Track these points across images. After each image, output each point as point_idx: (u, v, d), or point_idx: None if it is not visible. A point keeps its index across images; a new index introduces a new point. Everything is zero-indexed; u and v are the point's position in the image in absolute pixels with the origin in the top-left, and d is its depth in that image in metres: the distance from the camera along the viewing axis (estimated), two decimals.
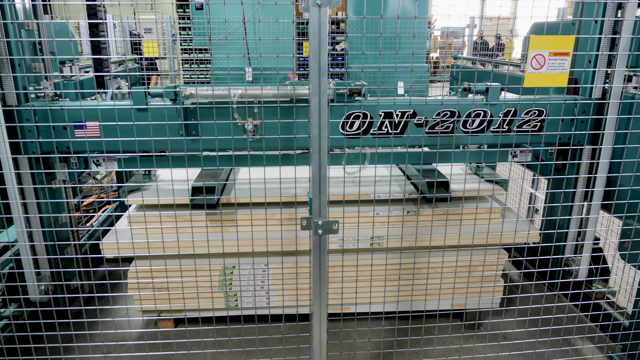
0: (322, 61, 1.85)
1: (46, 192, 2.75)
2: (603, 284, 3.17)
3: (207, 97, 2.54)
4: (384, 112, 2.68)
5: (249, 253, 2.71)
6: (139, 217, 2.83)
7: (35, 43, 2.73)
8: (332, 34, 8.44)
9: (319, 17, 1.81)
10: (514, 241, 2.89)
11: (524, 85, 2.10)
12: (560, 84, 2.09)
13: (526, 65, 2.05)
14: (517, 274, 3.94)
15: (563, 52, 2.05)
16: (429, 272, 2.88)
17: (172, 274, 2.80)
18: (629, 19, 2.40)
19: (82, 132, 2.58)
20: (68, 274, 2.96)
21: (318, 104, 1.89)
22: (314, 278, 2.11)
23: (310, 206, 2.01)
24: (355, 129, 2.70)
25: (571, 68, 2.13)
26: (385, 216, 2.95)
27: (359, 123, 2.69)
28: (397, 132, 2.73)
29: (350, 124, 2.69)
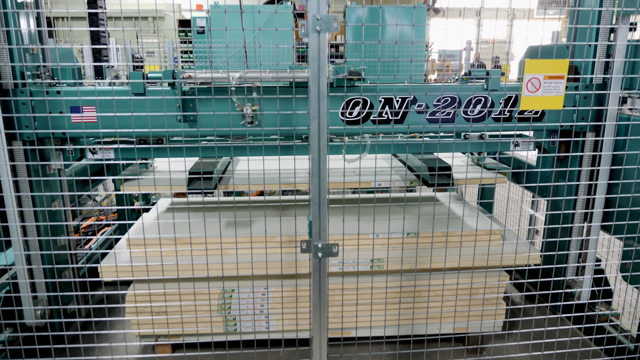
0: (322, 85, 1.87)
1: (46, 215, 2.74)
2: (606, 306, 3.14)
3: (205, 80, 2.52)
4: (384, 99, 2.67)
5: (248, 276, 2.69)
6: (138, 240, 2.82)
7: (40, 67, 2.77)
8: (331, 58, 8.55)
9: (318, 43, 1.85)
10: (515, 263, 2.88)
11: (520, 108, 2.12)
12: (556, 107, 2.11)
13: (522, 88, 2.08)
14: (519, 297, 3.91)
15: (558, 76, 2.08)
16: (430, 295, 2.85)
17: (170, 298, 2.78)
18: (621, 43, 2.44)
19: (78, 116, 2.56)
20: (65, 297, 2.93)
21: (317, 126, 1.91)
22: (313, 302, 2.10)
23: (310, 229, 2.01)
24: (355, 115, 2.69)
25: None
26: (385, 238, 2.94)
27: (359, 109, 2.68)
28: (397, 119, 2.71)
29: (350, 111, 2.69)
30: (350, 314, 2.79)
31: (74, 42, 10.31)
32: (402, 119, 2.70)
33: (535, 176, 3.28)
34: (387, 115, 2.69)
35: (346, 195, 3.86)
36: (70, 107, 2.57)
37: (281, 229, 2.54)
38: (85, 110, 2.57)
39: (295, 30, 5.31)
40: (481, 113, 2.69)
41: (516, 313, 3.46)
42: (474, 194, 5.66)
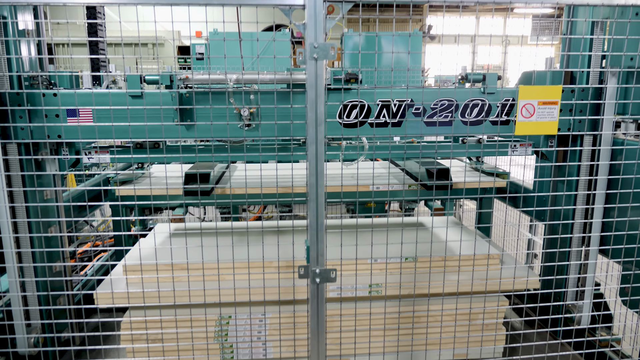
0: (319, 112, 1.90)
1: (42, 240, 2.73)
2: (607, 331, 3.11)
3: (203, 81, 2.50)
4: (382, 102, 2.67)
5: (245, 302, 2.67)
6: (135, 266, 2.80)
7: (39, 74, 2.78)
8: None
9: (315, 70, 1.88)
10: (514, 287, 2.86)
11: (516, 133, 2.15)
12: (551, 132, 2.13)
13: (516, 114, 2.11)
14: (519, 322, 3.87)
15: (551, 102, 2.12)
16: (429, 320, 2.82)
17: (166, 325, 2.74)
18: (613, 70, 2.49)
19: (75, 119, 2.53)
20: (59, 325, 2.89)
21: (315, 152, 1.93)
22: (311, 328, 2.08)
23: (308, 254, 2.00)
24: (352, 118, 2.68)
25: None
26: (383, 263, 2.93)
27: (357, 112, 2.67)
28: (395, 123, 2.70)
29: (347, 112, 2.67)
30: (349, 340, 2.75)
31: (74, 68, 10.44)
32: (400, 122, 2.70)
33: (532, 200, 3.30)
34: (385, 119, 2.68)
35: (344, 220, 3.86)
36: (66, 111, 2.55)
37: (279, 254, 2.53)
38: (82, 113, 2.54)
39: (293, 57, 5.39)
40: (479, 116, 2.68)
41: (516, 338, 3.42)
42: (471, 218, 5.66)
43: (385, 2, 1.97)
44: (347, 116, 2.66)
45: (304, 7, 1.91)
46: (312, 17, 1.88)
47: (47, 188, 2.74)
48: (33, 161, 2.59)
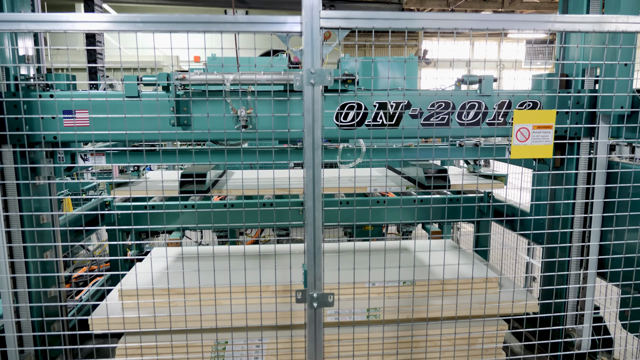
0: (316, 136, 1.91)
1: (38, 265, 2.71)
2: (607, 356, 3.08)
3: (199, 82, 2.49)
4: (379, 103, 2.67)
5: (242, 327, 2.64)
6: (131, 290, 2.77)
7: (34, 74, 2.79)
8: None
9: (312, 95, 1.90)
10: (512, 311, 2.84)
11: (511, 157, 2.17)
12: (546, 156, 2.16)
13: (512, 137, 2.14)
14: (519, 346, 3.82)
15: (546, 125, 2.15)
16: (428, 345, 2.79)
17: (162, 351, 2.70)
18: (606, 95, 2.53)
19: (71, 120, 2.52)
20: (53, 351, 2.84)
21: (312, 175, 1.94)
22: (309, 353, 2.05)
23: (305, 278, 1.99)
24: (349, 120, 2.68)
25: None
26: (381, 287, 2.91)
27: (354, 114, 2.66)
28: (392, 124, 2.70)
29: (344, 114, 2.67)
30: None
31: None
32: (397, 123, 2.71)
33: (529, 223, 3.30)
34: (382, 120, 2.69)
35: (341, 244, 3.85)
36: (62, 111, 2.55)
37: (276, 278, 2.51)
38: (78, 113, 2.54)
39: None
40: (475, 118, 2.70)
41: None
42: (469, 241, 5.65)
43: (380, 29, 2.01)
44: (344, 118, 2.67)
45: (301, 34, 1.95)
46: (309, 43, 1.92)
47: (44, 213, 2.73)
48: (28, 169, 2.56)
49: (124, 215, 3.67)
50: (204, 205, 3.55)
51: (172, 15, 1.96)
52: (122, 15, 2.03)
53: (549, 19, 2.17)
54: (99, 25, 2.03)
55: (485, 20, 2.08)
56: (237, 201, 3.64)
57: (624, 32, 2.20)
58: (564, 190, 2.78)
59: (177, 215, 3.30)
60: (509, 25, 2.09)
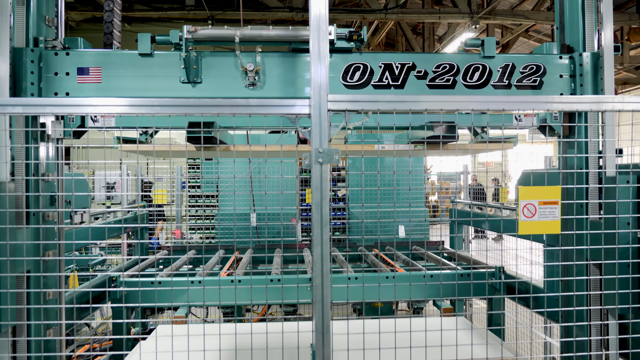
0: (324, 213, 1.94)
1: (41, 344, 2.64)
2: None
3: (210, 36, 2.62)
4: (384, 64, 2.76)
5: None
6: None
7: (55, 192, 2.86)
8: (333, 182, 8.89)
9: (320, 173, 1.96)
10: None
11: (519, 233, 2.17)
12: (554, 231, 2.15)
13: (518, 214, 2.15)
14: None
15: (552, 201, 2.16)
16: None
17: None
18: (610, 170, 2.56)
19: (85, 77, 2.63)
20: None
21: (321, 253, 1.94)
22: None
23: (314, 359, 1.93)
24: (356, 80, 2.75)
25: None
26: None
27: (360, 74, 2.75)
28: (397, 85, 2.77)
29: (351, 75, 2.75)
30: None
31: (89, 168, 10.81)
32: (402, 84, 2.79)
33: (544, 300, 3.21)
34: (388, 81, 2.78)
35: (350, 322, 3.74)
36: (77, 68, 2.65)
37: (283, 358, 2.43)
38: (92, 71, 2.65)
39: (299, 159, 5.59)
40: (480, 80, 2.80)
41: None
42: (483, 318, 5.47)
43: (385, 111, 2.10)
44: (351, 77, 2.76)
45: (310, 115, 2.05)
46: (317, 125, 2.01)
47: (51, 289, 2.72)
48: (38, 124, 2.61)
49: (130, 291, 3.64)
50: (211, 282, 3.52)
51: (187, 100, 2.07)
52: (140, 100, 2.15)
53: (547, 100, 2.26)
54: (118, 108, 2.14)
55: (486, 102, 2.17)
56: (245, 277, 3.61)
57: (621, 111, 2.28)
58: (576, 267, 2.73)
59: (184, 292, 3.25)
60: (509, 106, 2.18)
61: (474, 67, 2.84)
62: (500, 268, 3.76)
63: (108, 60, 2.72)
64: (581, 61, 2.83)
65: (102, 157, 9.90)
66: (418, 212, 7.41)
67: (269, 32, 2.67)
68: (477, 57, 2.86)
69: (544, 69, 2.86)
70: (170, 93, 2.74)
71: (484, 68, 2.84)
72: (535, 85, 2.87)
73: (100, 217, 5.06)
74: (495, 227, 4.53)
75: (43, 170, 2.77)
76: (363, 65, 2.78)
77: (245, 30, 2.67)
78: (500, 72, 2.85)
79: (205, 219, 9.27)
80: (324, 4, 2.12)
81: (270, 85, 2.77)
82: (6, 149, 2.43)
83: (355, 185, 7.73)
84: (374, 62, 2.80)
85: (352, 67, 2.78)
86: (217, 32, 2.69)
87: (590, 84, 2.82)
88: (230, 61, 2.76)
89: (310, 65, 2.08)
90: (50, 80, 2.67)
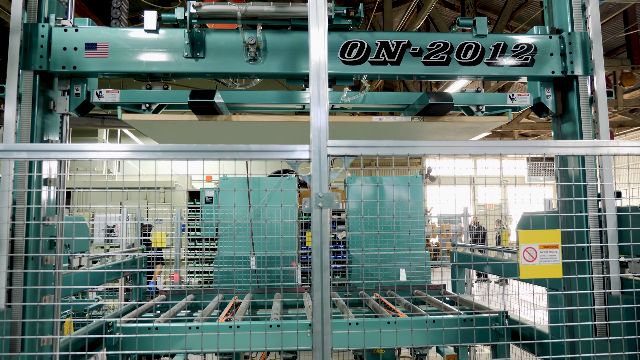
0: (324, 257, 1.93)
1: None
2: None
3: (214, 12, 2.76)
4: (380, 42, 2.92)
5: None
6: None
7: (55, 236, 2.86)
8: (333, 224, 8.86)
9: (320, 218, 1.96)
10: None
11: (521, 277, 2.15)
12: (556, 275, 2.13)
13: (519, 258, 2.14)
14: None
15: (552, 245, 2.16)
16: None
17: None
18: (610, 213, 2.57)
19: (92, 52, 2.81)
20: None
21: (321, 298, 1.92)
22: None
23: None
24: (353, 56, 2.92)
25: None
26: None
27: (357, 51, 2.91)
28: (393, 61, 2.94)
29: (349, 51, 2.91)
30: None
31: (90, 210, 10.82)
32: (399, 61, 2.95)
33: (548, 345, 3.13)
34: (384, 58, 2.93)
35: None
36: (85, 44, 2.84)
37: None
38: (99, 46, 2.84)
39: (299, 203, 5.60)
40: (474, 56, 2.97)
41: None
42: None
43: (384, 156, 2.14)
44: (349, 54, 2.92)
45: (310, 160, 2.07)
46: (317, 169, 2.03)
47: (45, 336, 2.67)
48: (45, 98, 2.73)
49: (126, 338, 3.55)
50: (209, 328, 3.44)
51: (189, 145, 2.11)
52: (144, 145, 2.19)
53: (543, 144, 2.29)
54: (123, 154, 2.18)
55: (483, 147, 2.20)
56: (244, 323, 3.54)
57: (616, 155, 2.31)
58: (580, 312, 2.69)
59: (182, 338, 3.18)
60: (505, 151, 2.21)
61: (467, 45, 3.00)
62: (504, 313, 3.69)
63: (115, 36, 2.90)
64: (570, 40, 3.00)
65: (102, 199, 9.93)
66: (419, 255, 7.35)
67: (270, 7, 2.85)
68: (470, 36, 3.03)
69: (534, 48, 3.01)
70: (174, 68, 2.91)
71: (477, 46, 3.00)
72: (527, 63, 3.02)
73: (99, 260, 5.03)
74: (497, 270, 4.49)
75: (44, 214, 2.78)
76: (360, 42, 2.95)
77: (248, 6, 2.86)
78: (492, 51, 3.01)
79: (204, 262, 9.18)
80: (324, 51, 2.19)
81: (270, 60, 2.94)
82: (8, 194, 2.44)
83: (355, 227, 7.70)
84: (371, 40, 2.97)
85: (349, 44, 2.95)
86: (221, 7, 2.86)
87: (580, 61, 2.98)
88: (232, 37, 2.94)
89: (310, 110, 2.13)
90: (59, 55, 2.83)
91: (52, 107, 2.88)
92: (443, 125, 3.32)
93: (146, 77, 3.03)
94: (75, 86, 2.96)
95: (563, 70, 3.00)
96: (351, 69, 2.97)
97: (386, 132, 3.52)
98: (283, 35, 2.96)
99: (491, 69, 3.01)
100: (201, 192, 7.51)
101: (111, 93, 3.05)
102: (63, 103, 2.93)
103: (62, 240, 2.95)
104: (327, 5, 2.43)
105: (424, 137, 3.75)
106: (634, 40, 10.78)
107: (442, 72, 3.01)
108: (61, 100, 2.93)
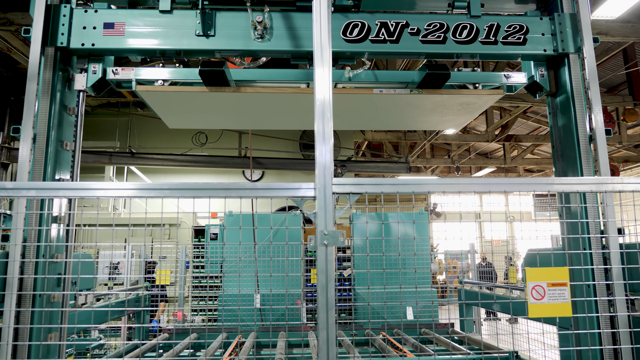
0: (330, 296, 1.93)
1: None
2: None
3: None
4: (380, 22, 3.09)
5: None
6: None
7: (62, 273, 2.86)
8: (339, 261, 8.79)
9: (325, 255, 1.97)
10: None
11: (529, 316, 2.12)
12: (565, 314, 2.11)
13: (527, 296, 2.12)
14: None
15: (561, 283, 2.14)
16: None
17: None
18: (614, 251, 2.56)
19: (109, 31, 3.01)
20: None
21: (326, 338, 1.90)
22: None
23: None
24: (355, 35, 3.09)
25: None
26: None
27: (358, 30, 3.09)
28: (392, 40, 3.10)
29: (350, 31, 3.09)
30: None
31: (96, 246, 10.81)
32: (397, 40, 3.11)
33: None
34: (384, 37, 3.10)
35: None
36: (103, 23, 3.04)
37: None
38: (117, 25, 3.04)
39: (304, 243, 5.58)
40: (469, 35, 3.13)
41: None
42: None
43: (389, 193, 2.16)
44: (350, 33, 3.09)
45: (315, 198, 2.10)
46: (322, 207, 2.05)
47: None
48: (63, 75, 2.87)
49: None
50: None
51: (195, 183, 2.14)
52: (151, 184, 2.23)
53: (548, 181, 2.31)
54: (130, 192, 2.21)
55: (488, 184, 2.22)
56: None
57: (621, 191, 2.32)
58: (591, 352, 2.63)
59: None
60: (510, 188, 2.23)
61: (462, 25, 3.16)
62: (514, 353, 3.62)
63: (131, 15, 3.11)
64: (560, 20, 3.17)
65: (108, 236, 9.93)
66: (426, 292, 7.24)
67: None
68: (465, 17, 3.20)
69: (526, 28, 3.17)
70: (186, 45, 3.10)
71: (472, 26, 3.16)
72: (520, 42, 3.18)
73: (102, 298, 4.99)
74: (506, 308, 4.41)
75: (53, 252, 2.81)
76: (361, 22, 3.12)
77: None
78: (486, 30, 3.17)
79: (209, 299, 9.08)
80: (328, 91, 2.25)
81: (277, 38, 3.12)
82: (19, 231, 2.47)
83: (361, 264, 7.64)
84: (372, 20, 3.14)
85: (351, 24, 3.12)
86: None
87: (570, 39, 3.14)
88: (241, 16, 3.13)
89: (315, 148, 2.17)
90: (79, 33, 3.02)
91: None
92: (441, 99, 3.47)
93: (160, 55, 3.21)
94: (93, 64, 3.16)
95: (554, 48, 3.18)
96: (353, 47, 3.13)
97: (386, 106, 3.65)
98: (289, 14, 3.16)
99: (486, 47, 3.18)
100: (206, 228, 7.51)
101: (126, 71, 3.26)
102: (81, 80, 3.12)
103: (69, 278, 2.96)
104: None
105: (423, 114, 3.86)
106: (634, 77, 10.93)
107: (440, 50, 3.18)
108: (79, 78, 3.12)
